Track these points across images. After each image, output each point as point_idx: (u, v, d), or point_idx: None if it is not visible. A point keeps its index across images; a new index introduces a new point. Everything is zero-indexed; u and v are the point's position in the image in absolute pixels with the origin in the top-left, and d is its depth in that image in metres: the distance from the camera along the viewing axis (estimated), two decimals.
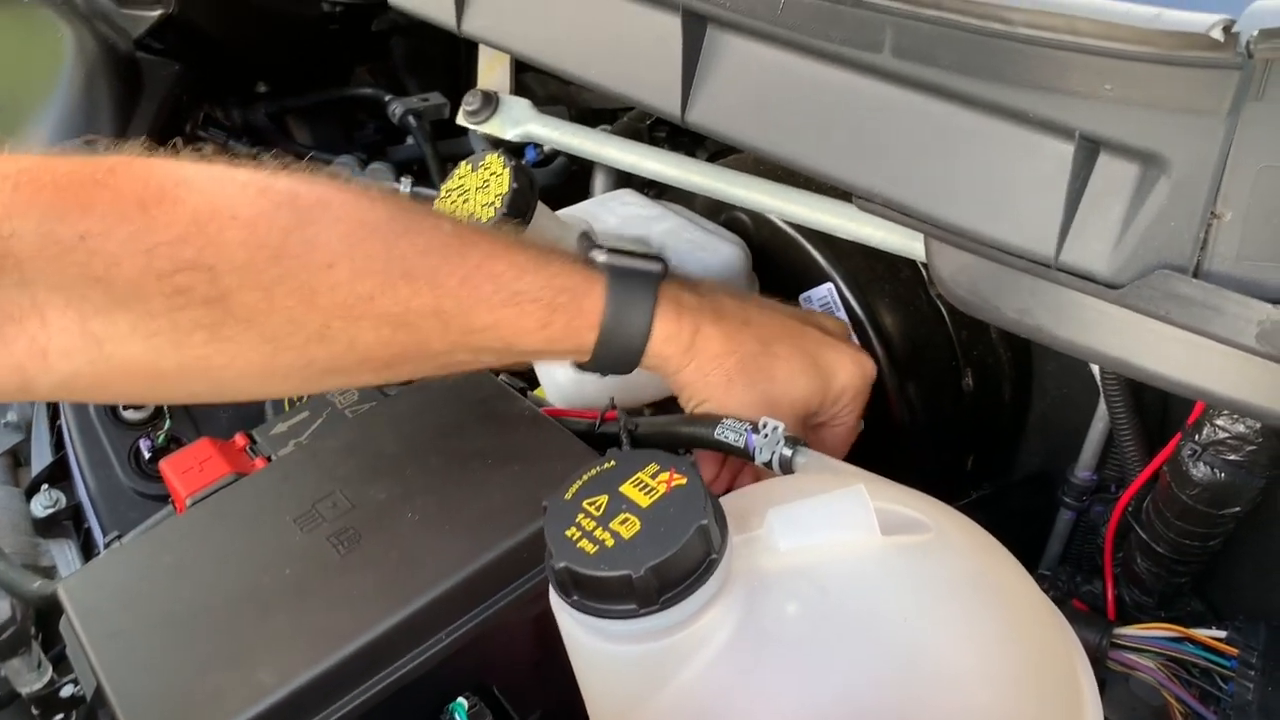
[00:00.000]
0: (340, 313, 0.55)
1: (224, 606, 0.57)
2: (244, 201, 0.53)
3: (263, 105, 1.17)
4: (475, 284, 0.57)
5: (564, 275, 0.60)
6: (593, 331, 0.61)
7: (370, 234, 0.56)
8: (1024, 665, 0.47)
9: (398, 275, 0.56)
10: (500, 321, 0.58)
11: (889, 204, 0.52)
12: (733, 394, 0.65)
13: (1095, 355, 0.50)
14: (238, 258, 0.52)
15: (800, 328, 0.68)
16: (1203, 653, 0.67)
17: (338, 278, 0.54)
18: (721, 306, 0.65)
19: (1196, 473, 0.63)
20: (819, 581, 0.46)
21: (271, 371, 0.56)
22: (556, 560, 0.44)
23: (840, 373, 0.68)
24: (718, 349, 0.64)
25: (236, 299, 0.53)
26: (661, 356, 0.64)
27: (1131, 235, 0.46)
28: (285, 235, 0.53)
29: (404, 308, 0.56)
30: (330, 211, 0.55)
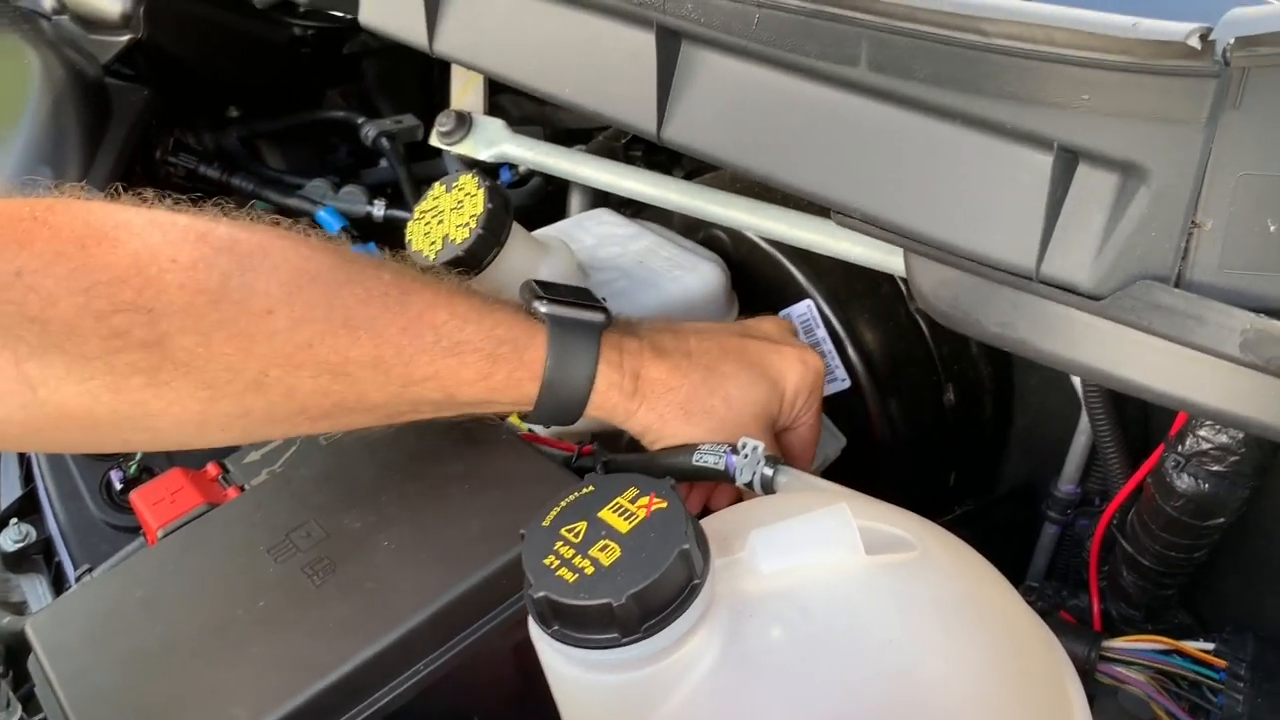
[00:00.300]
0: (279, 360, 0.54)
1: (196, 641, 0.55)
2: (184, 246, 0.53)
3: (234, 129, 1.16)
4: (416, 333, 0.57)
5: (505, 325, 0.60)
6: (535, 383, 0.61)
7: (310, 281, 0.55)
8: (1013, 684, 0.46)
9: (338, 323, 0.55)
10: (441, 372, 0.58)
11: (867, 218, 0.52)
12: (692, 424, 0.64)
13: (1078, 367, 0.50)
14: (177, 301, 0.52)
15: (740, 343, 0.68)
16: (1191, 665, 0.67)
17: (276, 325, 0.54)
18: (661, 344, 0.65)
19: (1180, 484, 0.63)
20: (803, 604, 0.45)
21: (208, 420, 0.55)
22: (535, 589, 0.43)
23: (789, 374, 0.67)
24: (664, 386, 0.64)
25: (175, 343, 0.52)
26: (607, 406, 0.64)
27: (1112, 246, 0.45)
28: (225, 280, 0.53)
29: (343, 357, 0.55)
30: (270, 258, 0.55)
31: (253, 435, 0.59)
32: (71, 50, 0.99)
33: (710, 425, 0.65)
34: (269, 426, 0.58)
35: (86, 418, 0.52)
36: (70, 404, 0.51)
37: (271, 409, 0.56)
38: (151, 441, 0.57)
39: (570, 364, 0.61)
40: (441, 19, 0.74)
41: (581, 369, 0.61)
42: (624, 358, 0.63)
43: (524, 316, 0.62)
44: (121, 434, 0.55)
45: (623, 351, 0.63)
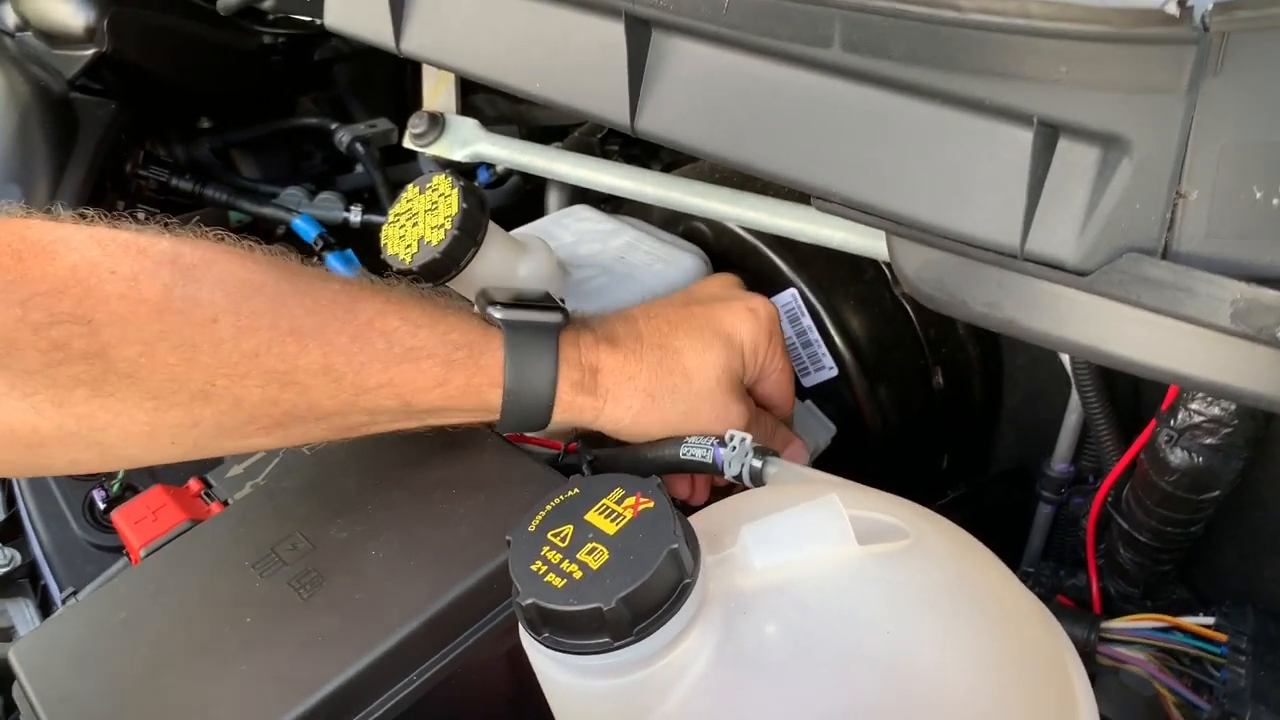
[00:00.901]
0: (224, 370, 0.53)
1: (183, 661, 0.54)
2: (124, 259, 0.52)
3: (206, 140, 1.15)
4: (366, 340, 0.56)
5: (459, 331, 0.59)
6: (495, 389, 0.60)
7: (255, 291, 0.54)
8: (1015, 669, 0.45)
9: (285, 332, 0.54)
10: (395, 379, 0.57)
11: (847, 202, 0.51)
12: (661, 409, 0.63)
13: (1067, 345, 0.49)
14: (117, 311, 0.51)
15: (686, 312, 0.67)
16: (1192, 641, 0.67)
17: (221, 334, 0.53)
18: (612, 333, 0.64)
19: (1174, 458, 0.62)
20: (797, 598, 0.44)
21: (156, 431, 0.54)
22: (524, 596, 0.42)
23: (741, 328, 0.66)
24: (624, 375, 0.63)
25: (117, 353, 0.51)
26: (575, 407, 0.62)
27: (1096, 220, 0.44)
28: (167, 291, 0.52)
29: (291, 365, 0.54)
30: (214, 270, 0.54)
31: (205, 448, 0.57)
32: (35, 66, 0.98)
33: (680, 405, 0.63)
34: (220, 438, 0.57)
35: (32, 435, 0.51)
36: (14, 420, 0.51)
37: (220, 419, 0.55)
38: (100, 459, 0.56)
39: (529, 367, 0.60)
40: (407, 18, 0.73)
41: (542, 372, 0.60)
42: (581, 354, 0.62)
43: (479, 322, 0.61)
44: (69, 452, 0.54)
45: (579, 348, 0.62)
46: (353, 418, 0.58)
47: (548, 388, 0.61)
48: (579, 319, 0.65)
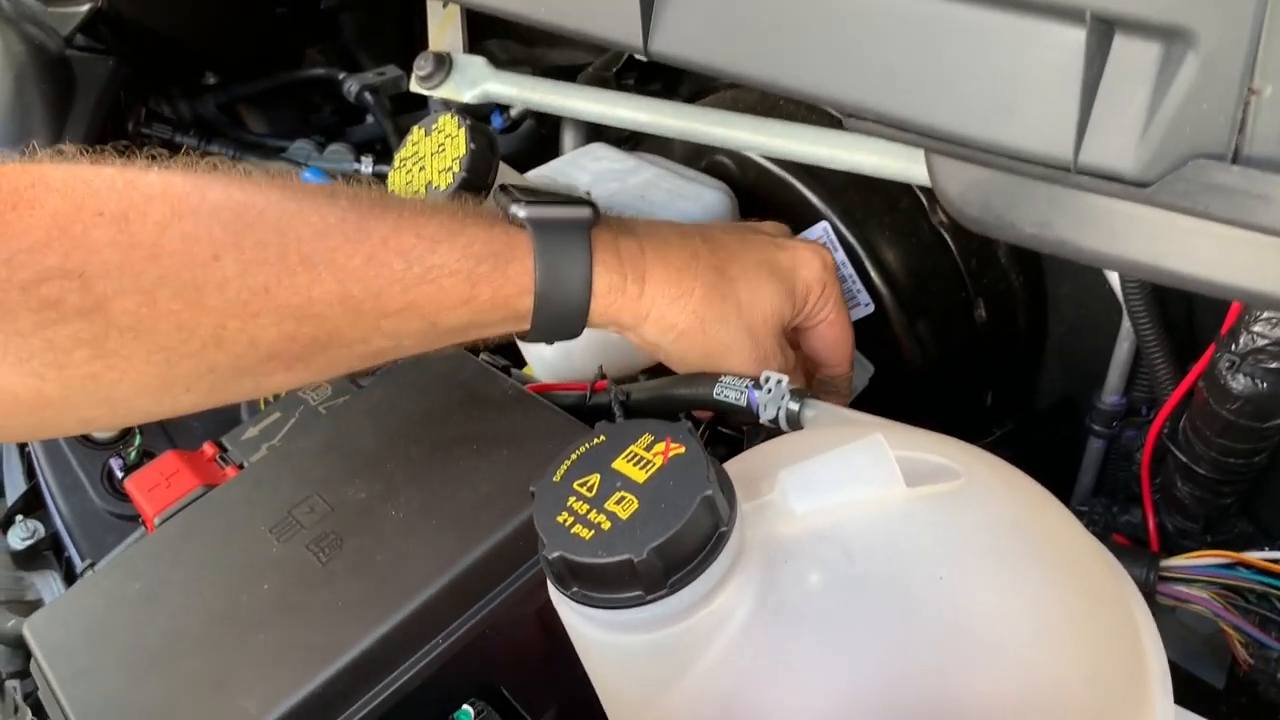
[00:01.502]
0: (234, 311, 0.50)
1: (200, 632, 0.53)
2: (110, 196, 0.48)
3: (211, 96, 1.12)
4: (382, 262, 0.52)
5: (482, 241, 0.55)
6: (525, 297, 0.56)
7: (257, 219, 0.50)
8: (1079, 617, 0.42)
9: (294, 262, 0.50)
10: (417, 301, 0.53)
11: (882, 119, 0.47)
12: (710, 334, 0.60)
13: (1125, 264, 0.45)
14: (110, 259, 0.47)
15: (743, 240, 0.63)
16: (1258, 576, 0.63)
17: (226, 272, 0.49)
18: (665, 245, 0.60)
19: (1236, 385, 0.59)
20: (842, 545, 0.41)
21: (170, 383, 0.50)
22: (550, 550, 0.40)
23: (800, 268, 0.63)
24: (675, 291, 0.59)
25: (115, 306, 0.47)
26: (611, 312, 0.58)
27: (1158, 124, 0.40)
28: (161, 230, 0.48)
29: (305, 297, 0.51)
30: (208, 199, 0.50)
31: (223, 392, 0.53)
32: (31, 25, 0.95)
33: (724, 336, 0.60)
34: (241, 380, 0.53)
35: (35, 398, 0.48)
36: (14, 385, 0.47)
37: (236, 362, 0.51)
38: (112, 415, 0.53)
39: (562, 269, 0.56)
40: None
41: (576, 274, 0.56)
42: (623, 259, 0.58)
43: (502, 227, 0.57)
44: (78, 411, 0.50)
45: (620, 253, 0.58)
46: (376, 343, 0.55)
47: (582, 289, 0.57)
48: (614, 219, 0.61)
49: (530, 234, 0.56)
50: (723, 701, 0.41)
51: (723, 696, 0.41)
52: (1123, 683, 0.42)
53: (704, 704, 0.41)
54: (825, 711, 0.39)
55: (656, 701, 0.42)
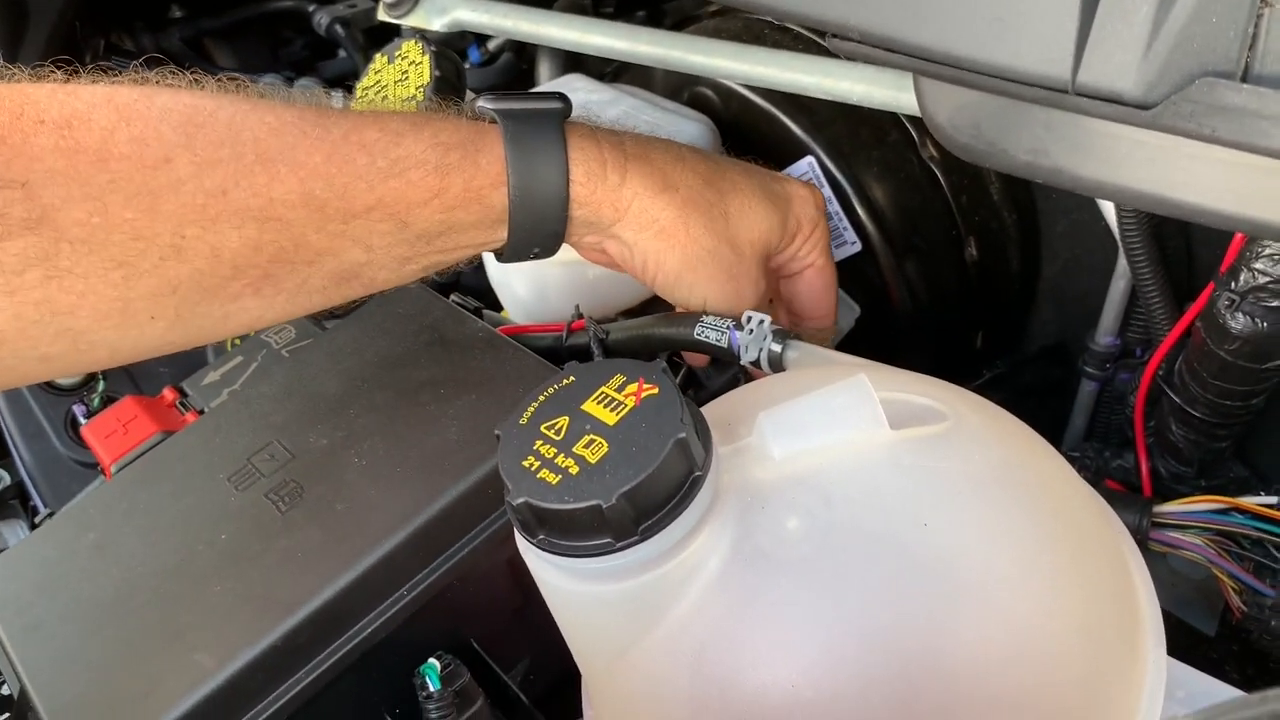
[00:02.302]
0: (192, 216, 0.47)
1: (155, 584, 0.50)
2: (51, 104, 0.45)
3: (176, 30, 1.08)
4: (345, 158, 0.49)
5: (449, 130, 0.52)
6: (499, 189, 0.53)
7: (209, 118, 0.47)
8: (1068, 564, 0.40)
9: (250, 160, 0.47)
10: (385, 198, 0.50)
11: (868, 39, 0.44)
12: (692, 236, 0.57)
13: (1126, 193, 0.43)
14: (54, 166, 0.44)
15: (733, 160, 0.61)
16: (1253, 522, 0.61)
17: (179, 174, 0.46)
18: (648, 144, 0.57)
19: (1235, 324, 0.57)
20: (822, 490, 0.39)
21: (131, 307, 0.47)
22: (515, 495, 0.38)
23: (794, 199, 0.60)
24: (659, 185, 0.56)
25: (64, 217, 0.44)
26: (590, 205, 0.55)
27: (1163, 40, 0.38)
28: (107, 134, 0.45)
29: (265, 198, 0.48)
30: (157, 102, 0.47)
31: (190, 319, 0.50)
32: None
33: (709, 241, 0.57)
34: (205, 302, 0.50)
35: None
36: None
37: (199, 278, 0.48)
38: (74, 350, 0.49)
39: (536, 155, 0.53)
40: None
41: (551, 161, 0.53)
42: (602, 148, 0.55)
43: (468, 120, 0.54)
44: (36, 347, 0.47)
45: (599, 141, 0.56)
46: (347, 255, 0.52)
47: (559, 180, 0.54)
48: (592, 122, 0.58)
49: (500, 123, 0.53)
50: (696, 653, 0.39)
51: (696, 648, 0.39)
52: (1115, 633, 0.40)
53: (677, 655, 0.40)
54: (803, 664, 0.38)
55: (627, 653, 0.41)
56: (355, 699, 0.50)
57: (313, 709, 0.48)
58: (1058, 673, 0.38)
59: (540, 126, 0.54)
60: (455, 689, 0.49)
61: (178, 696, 0.45)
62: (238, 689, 0.46)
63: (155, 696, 0.45)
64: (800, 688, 0.37)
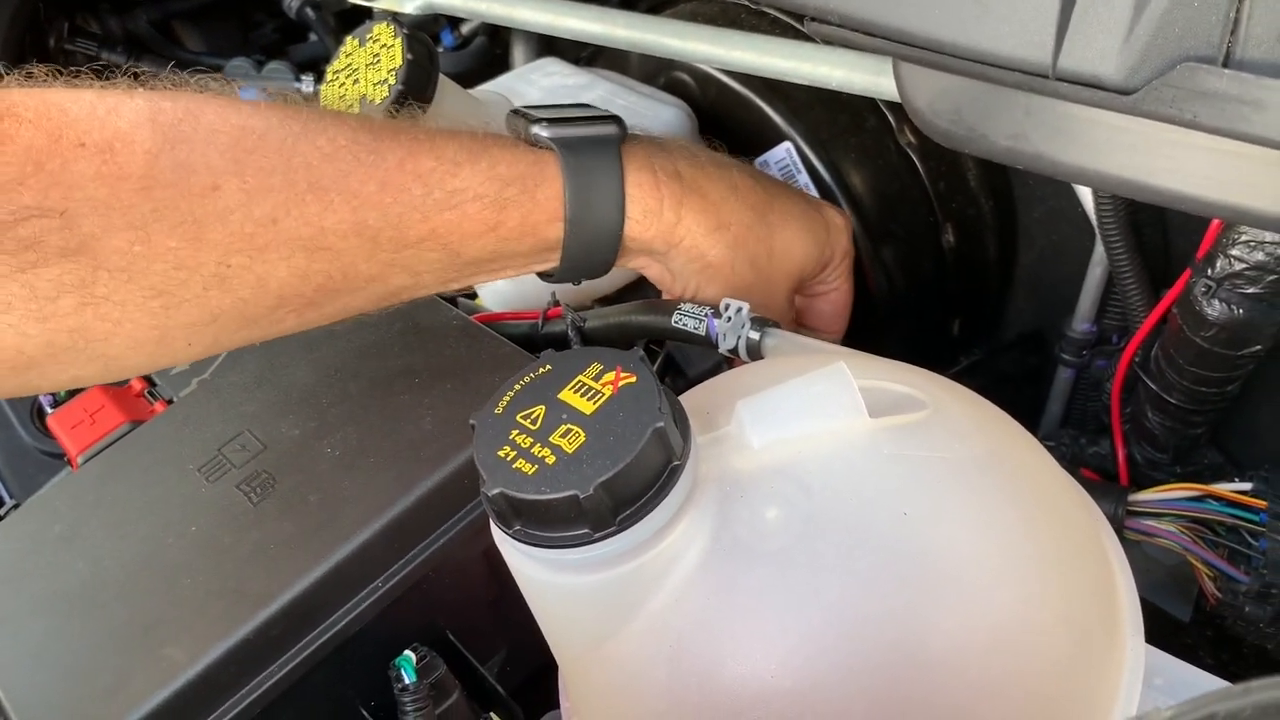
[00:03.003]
0: (239, 245, 0.45)
1: (123, 577, 0.50)
2: (92, 125, 0.43)
3: (143, 12, 1.06)
4: (400, 187, 0.48)
5: (507, 163, 0.51)
6: (555, 224, 0.52)
7: (259, 142, 0.46)
8: (1049, 553, 0.40)
9: (302, 188, 0.46)
10: (439, 229, 0.49)
11: (847, 22, 0.43)
12: (737, 273, 0.57)
13: (1105, 180, 0.42)
14: (96, 195, 0.42)
15: (782, 187, 0.61)
16: (1228, 509, 0.62)
17: (227, 202, 0.44)
18: (703, 172, 0.56)
19: (1211, 311, 0.57)
20: (801, 479, 0.39)
21: (169, 334, 0.46)
22: (490, 486, 0.37)
23: (831, 230, 0.61)
24: (713, 223, 0.55)
25: (104, 245, 0.43)
26: (644, 240, 0.55)
27: (1145, 24, 0.37)
28: (152, 160, 0.43)
29: (316, 228, 0.46)
30: (203, 123, 0.45)
31: (227, 344, 0.50)
32: None
33: (749, 278, 0.58)
34: (246, 329, 0.48)
35: (17, 356, 0.43)
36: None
37: (243, 308, 0.47)
38: (106, 371, 0.48)
39: (594, 193, 0.52)
40: None
41: (608, 198, 0.52)
42: (659, 182, 0.54)
43: (524, 147, 0.52)
44: (67, 370, 0.46)
45: (656, 174, 0.54)
46: (395, 280, 0.51)
47: (615, 218, 0.53)
48: (645, 136, 0.57)
49: (558, 155, 0.52)
50: (674, 644, 0.39)
51: (674, 639, 0.39)
52: (1094, 622, 0.40)
53: (655, 647, 0.39)
54: (782, 655, 0.37)
55: (605, 645, 0.40)
56: (329, 693, 0.49)
57: (286, 704, 0.47)
58: (1038, 661, 0.38)
59: (598, 158, 0.53)
60: (431, 681, 0.48)
61: (148, 692, 0.44)
62: (209, 684, 0.45)
63: (124, 692, 0.44)
64: (779, 678, 0.37)
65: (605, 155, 0.53)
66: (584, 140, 0.53)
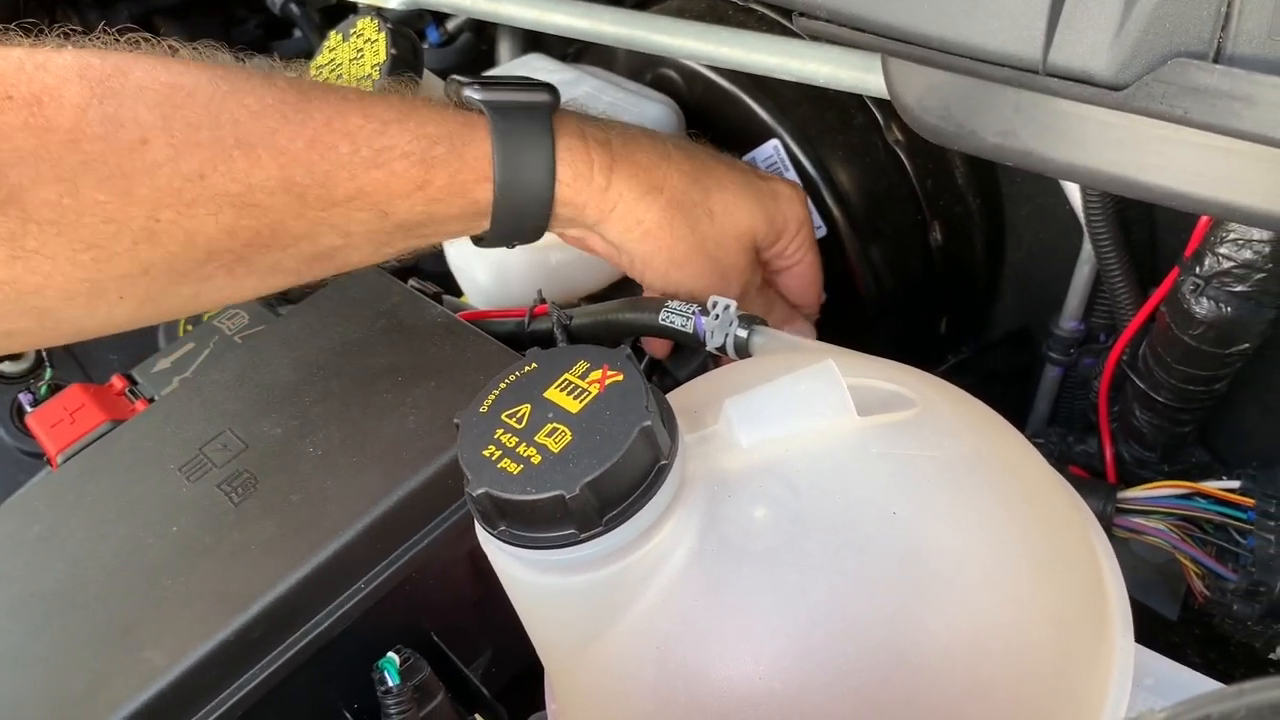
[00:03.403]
0: (168, 200, 0.45)
1: (103, 578, 0.49)
2: (19, 79, 0.43)
3: (125, 7, 1.04)
4: (328, 145, 0.48)
5: (435, 122, 0.51)
6: (484, 184, 0.52)
7: (187, 99, 0.46)
8: (1038, 553, 0.40)
9: (230, 144, 0.46)
10: (366, 188, 0.49)
11: (835, 18, 0.43)
12: (677, 236, 0.57)
13: (1095, 176, 0.42)
14: (23, 146, 0.43)
15: (722, 158, 0.61)
16: (1216, 507, 0.62)
17: (155, 156, 0.45)
18: (634, 140, 0.57)
19: (1199, 309, 0.57)
20: (789, 478, 0.38)
21: (101, 288, 0.46)
22: (475, 486, 0.37)
23: (780, 197, 0.60)
24: (643, 187, 0.55)
25: (33, 197, 0.43)
26: (575, 204, 0.55)
27: (1135, 20, 0.37)
28: (80, 112, 0.44)
29: (244, 184, 0.47)
30: (133, 79, 0.45)
31: (160, 299, 0.49)
32: None
33: (693, 238, 0.57)
34: (176, 284, 0.49)
35: None
36: None
37: (174, 261, 0.47)
38: (41, 328, 0.48)
39: (523, 156, 0.52)
40: None
41: (537, 159, 0.53)
42: (589, 146, 0.55)
43: (455, 109, 0.53)
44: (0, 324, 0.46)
45: (586, 139, 0.55)
46: (324, 240, 0.51)
47: (545, 178, 0.53)
48: (578, 111, 0.57)
49: (488, 116, 0.52)
50: (662, 645, 0.38)
51: (662, 640, 0.38)
52: (1085, 621, 0.40)
53: (642, 648, 0.39)
54: (770, 656, 0.37)
55: (591, 647, 0.40)
56: (312, 695, 0.48)
57: (268, 707, 0.46)
58: (1028, 662, 0.38)
59: (528, 122, 0.53)
60: (415, 683, 0.47)
61: (126, 695, 0.43)
62: (189, 687, 0.44)
63: (103, 695, 0.44)
64: (767, 679, 0.37)
65: (536, 119, 0.53)
66: (515, 105, 0.53)
